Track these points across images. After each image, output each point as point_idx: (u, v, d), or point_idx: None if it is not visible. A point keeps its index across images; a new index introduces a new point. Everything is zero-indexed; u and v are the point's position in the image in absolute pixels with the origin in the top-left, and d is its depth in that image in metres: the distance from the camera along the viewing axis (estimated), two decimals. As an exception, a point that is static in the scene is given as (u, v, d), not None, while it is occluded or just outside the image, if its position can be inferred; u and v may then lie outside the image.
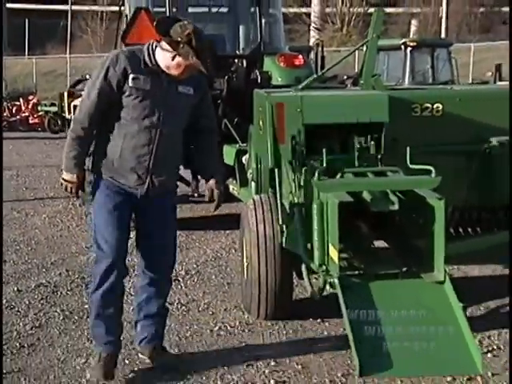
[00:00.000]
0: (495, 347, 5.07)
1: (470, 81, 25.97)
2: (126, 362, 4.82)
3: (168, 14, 9.00)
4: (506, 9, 45.03)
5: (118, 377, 4.59)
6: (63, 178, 4.49)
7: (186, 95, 4.46)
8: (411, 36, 31.86)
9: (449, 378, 4.47)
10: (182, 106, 4.49)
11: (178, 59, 4.26)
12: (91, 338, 4.83)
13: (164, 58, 4.31)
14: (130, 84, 4.32)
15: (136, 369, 4.75)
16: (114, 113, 4.38)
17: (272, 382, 4.55)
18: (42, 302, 6.09)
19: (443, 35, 32.81)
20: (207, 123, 4.73)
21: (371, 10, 28.86)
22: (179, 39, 4.21)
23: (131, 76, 4.31)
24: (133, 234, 4.62)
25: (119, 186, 4.45)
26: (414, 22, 41.66)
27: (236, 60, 9.23)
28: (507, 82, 19.35)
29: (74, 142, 4.40)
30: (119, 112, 4.37)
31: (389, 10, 31.89)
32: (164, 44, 4.29)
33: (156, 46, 4.36)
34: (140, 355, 4.83)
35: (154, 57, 4.35)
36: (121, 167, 4.42)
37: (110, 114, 4.38)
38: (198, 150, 4.78)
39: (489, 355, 4.87)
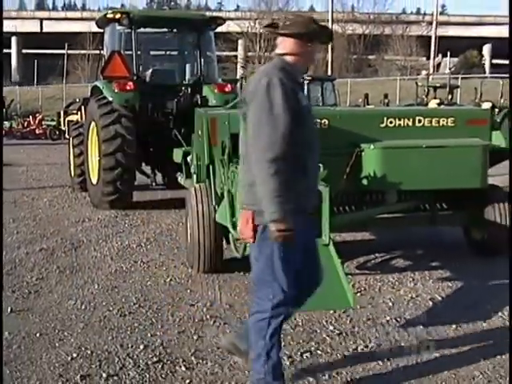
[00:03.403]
0: (363, 289, 5.09)
1: (348, 104, 26.33)
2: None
3: (134, 56, 8.82)
4: (371, 56, 46.00)
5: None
6: (279, 230, 2.74)
7: None
8: (307, 73, 31.99)
9: (331, 311, 4.48)
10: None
11: (312, 46, 2.97)
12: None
13: (303, 57, 2.96)
14: (303, 103, 2.91)
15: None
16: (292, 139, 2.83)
17: (208, 316, 4.46)
18: (43, 261, 5.94)
19: (329, 73, 33.01)
20: None
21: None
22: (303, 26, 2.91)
23: (299, 96, 2.90)
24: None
25: (304, 217, 2.91)
26: (309, 64, 42.02)
27: (183, 88, 9.11)
28: (373, 106, 19.62)
29: (277, 180, 2.73)
30: (294, 137, 2.85)
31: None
32: (293, 46, 2.93)
33: (284, 59, 2.97)
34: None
35: (294, 67, 2.99)
36: (305, 193, 2.94)
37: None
38: None
39: (358, 294, 4.90)
